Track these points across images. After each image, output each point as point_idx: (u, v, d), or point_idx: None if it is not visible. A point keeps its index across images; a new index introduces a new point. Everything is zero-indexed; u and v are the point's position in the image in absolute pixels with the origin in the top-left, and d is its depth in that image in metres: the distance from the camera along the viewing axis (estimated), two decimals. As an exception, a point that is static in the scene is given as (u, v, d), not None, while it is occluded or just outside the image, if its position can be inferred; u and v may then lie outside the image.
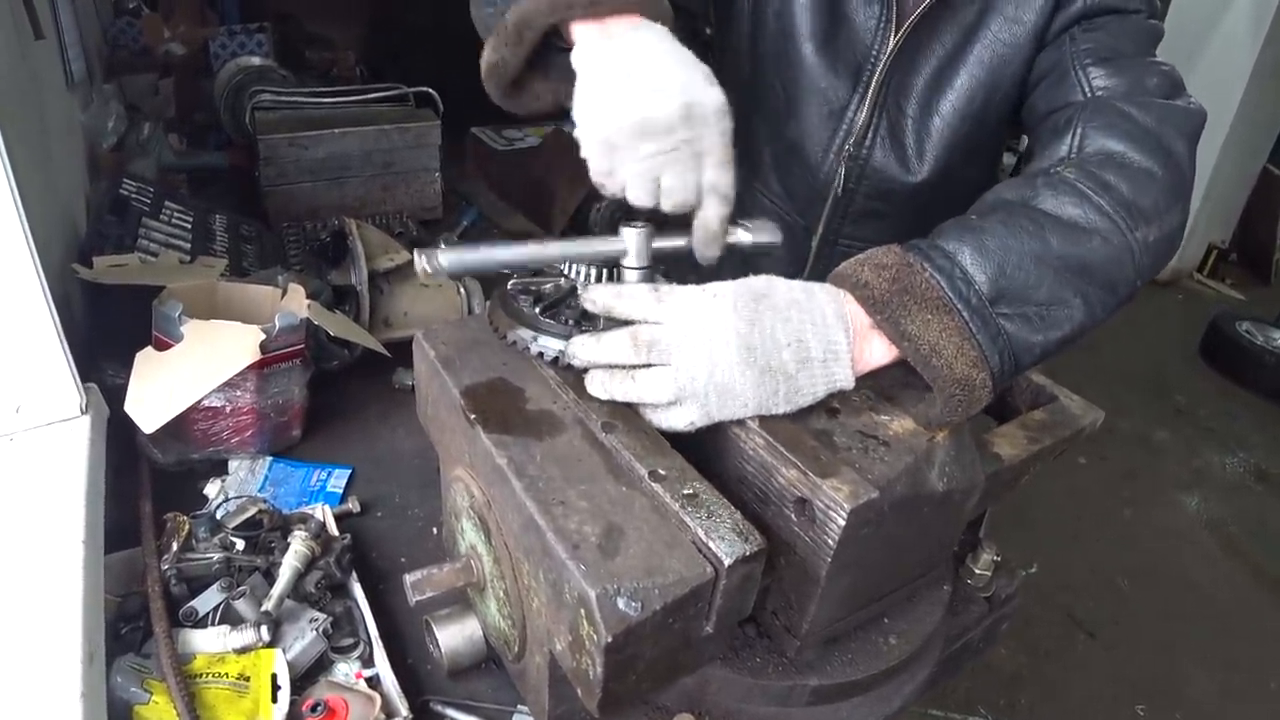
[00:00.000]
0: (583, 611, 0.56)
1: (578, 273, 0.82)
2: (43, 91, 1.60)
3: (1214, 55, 6.25)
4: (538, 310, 0.79)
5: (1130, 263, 0.81)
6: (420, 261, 0.76)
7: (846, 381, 0.75)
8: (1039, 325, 0.77)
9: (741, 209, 0.86)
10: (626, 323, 0.73)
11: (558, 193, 3.52)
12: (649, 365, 0.71)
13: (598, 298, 0.74)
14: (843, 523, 0.65)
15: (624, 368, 0.72)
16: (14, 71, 1.39)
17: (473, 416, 0.71)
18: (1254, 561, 3.61)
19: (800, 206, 1.25)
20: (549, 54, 0.84)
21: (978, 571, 1.09)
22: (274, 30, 3.08)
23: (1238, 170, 6.73)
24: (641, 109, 0.72)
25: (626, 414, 0.73)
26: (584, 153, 0.77)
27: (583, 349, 0.74)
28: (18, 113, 1.35)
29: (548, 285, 0.83)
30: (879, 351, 0.77)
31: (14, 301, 0.96)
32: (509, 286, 0.83)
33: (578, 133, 0.77)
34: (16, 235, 0.93)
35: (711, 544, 0.58)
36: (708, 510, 0.61)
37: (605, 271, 0.81)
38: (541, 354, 0.77)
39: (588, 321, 0.78)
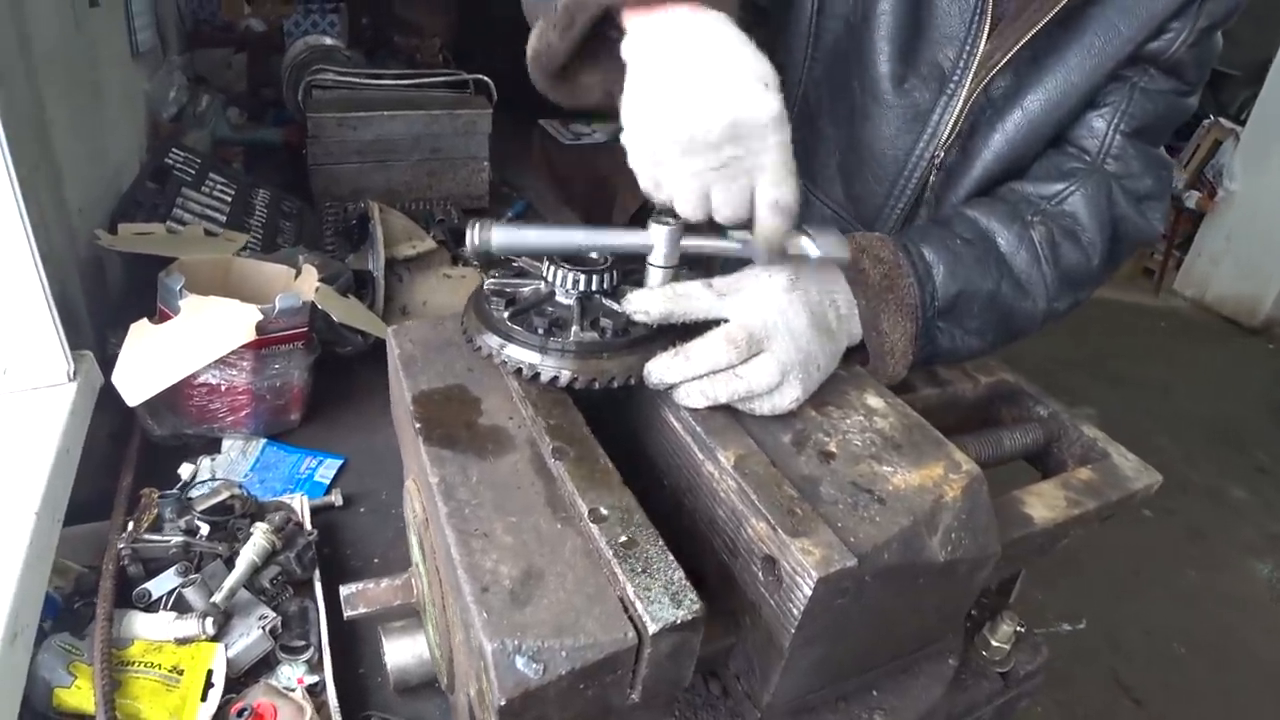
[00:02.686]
0: (482, 664, 0.49)
1: (563, 279, 0.75)
2: (100, 60, 1.62)
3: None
4: (507, 315, 0.72)
5: (1037, 324, 0.99)
6: (471, 233, 0.71)
7: (859, 334, 0.84)
8: (956, 343, 0.93)
9: (798, 219, 0.88)
10: (615, 330, 0.71)
11: (620, 191, 3.47)
12: (749, 358, 0.72)
13: (651, 307, 0.72)
14: (809, 592, 0.56)
15: (725, 370, 0.72)
16: (65, 39, 1.39)
17: (418, 425, 0.65)
18: (1329, 642, 3.34)
19: (868, 215, 1.17)
20: (600, 42, 0.76)
21: (994, 644, 0.98)
22: (363, 12, 3.10)
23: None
24: (686, 125, 0.66)
25: (583, 440, 0.66)
26: (630, 163, 0.72)
27: (674, 370, 0.72)
28: (64, 78, 1.35)
29: (526, 288, 0.76)
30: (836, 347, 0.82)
31: (3, 266, 0.94)
32: (486, 285, 0.77)
33: (624, 140, 0.71)
34: (7, 201, 0.91)
35: (639, 604, 0.51)
36: (644, 563, 0.54)
37: (600, 276, 0.74)
38: (506, 363, 0.71)
39: (559, 330, 0.71)
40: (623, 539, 0.55)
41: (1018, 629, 1.00)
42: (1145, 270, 7.05)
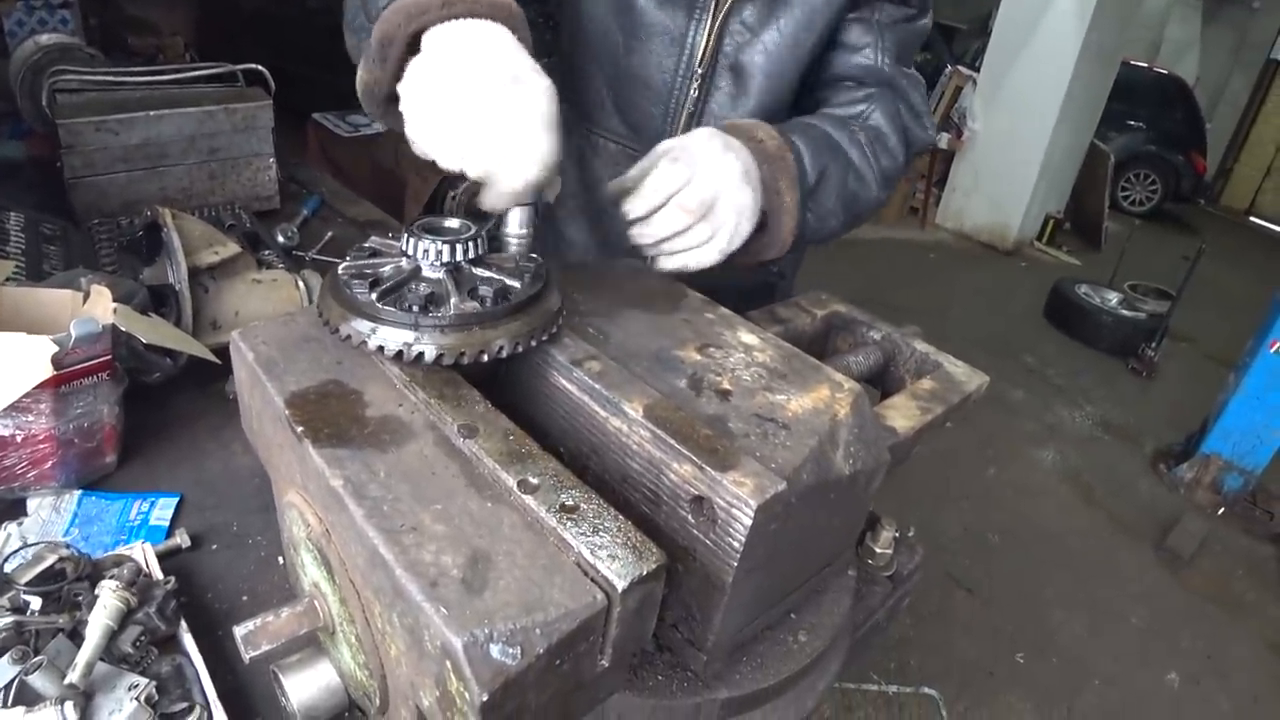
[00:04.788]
0: (449, 664, 0.45)
1: (426, 251, 0.70)
2: None
3: (1043, 39, 6.68)
4: (375, 297, 0.66)
5: (870, 209, 1.18)
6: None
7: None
8: (820, 223, 1.10)
9: (582, 158, 1.24)
10: (495, 296, 0.70)
11: (410, 180, 3.33)
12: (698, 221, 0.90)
13: (646, 205, 0.90)
14: (749, 522, 0.56)
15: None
16: None
17: (300, 429, 0.59)
18: (1106, 507, 3.87)
19: (649, 139, 1.22)
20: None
21: (879, 551, 1.04)
22: (89, 11, 2.75)
23: (1069, 146, 7.24)
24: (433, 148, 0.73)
25: (487, 415, 0.62)
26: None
27: (644, 238, 0.91)
28: None
29: (387, 267, 0.71)
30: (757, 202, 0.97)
31: None
32: (341, 270, 0.70)
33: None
34: None
35: (600, 565, 0.48)
36: (591, 523, 0.51)
37: (466, 245, 0.71)
38: (382, 348, 0.65)
39: (434, 306, 0.66)
40: (564, 502, 0.52)
41: (895, 534, 1.07)
42: (911, 209, 7.80)
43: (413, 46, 0.78)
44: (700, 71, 1.18)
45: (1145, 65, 9.35)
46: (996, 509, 3.68)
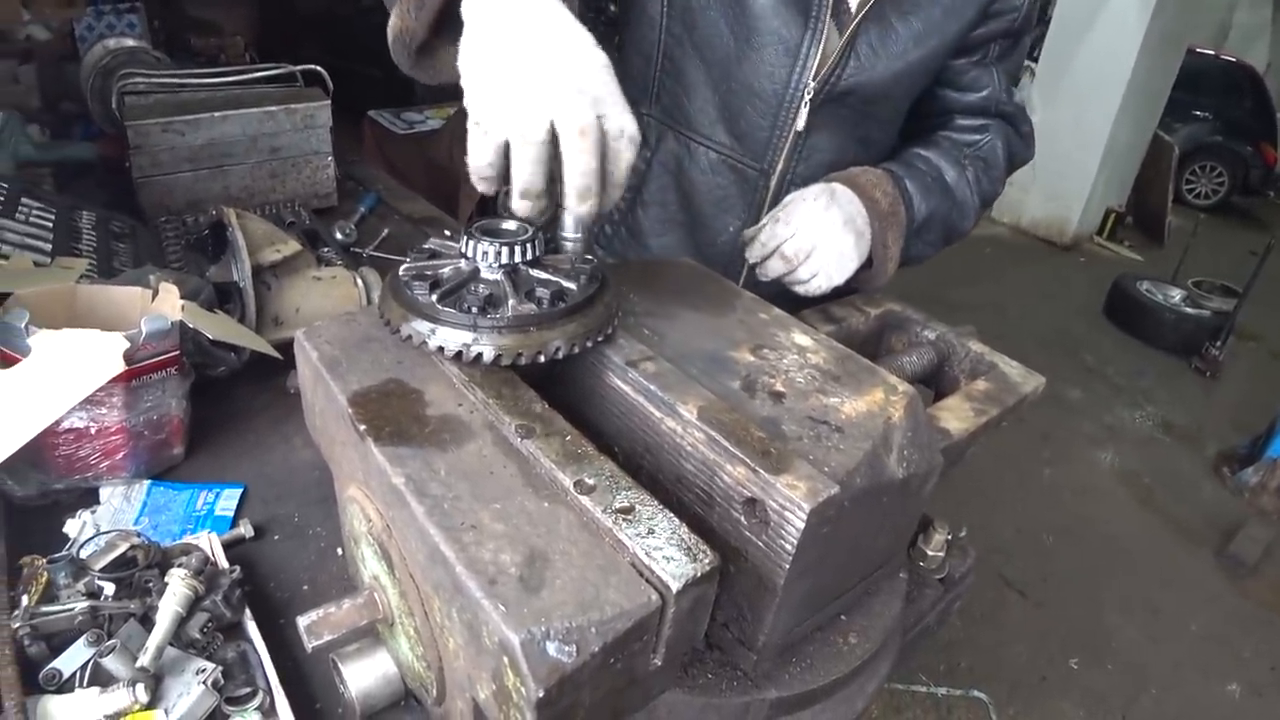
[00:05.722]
0: (506, 660, 0.46)
1: (485, 253, 0.71)
2: None
3: (1104, 27, 6.47)
4: (435, 298, 0.68)
5: (963, 236, 1.33)
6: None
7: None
8: (918, 252, 1.28)
9: (679, 165, 1.31)
10: (551, 298, 0.70)
11: (464, 177, 3.37)
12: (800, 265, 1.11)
13: (762, 252, 1.15)
14: (801, 525, 0.57)
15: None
16: None
17: (362, 428, 0.60)
18: (1166, 510, 3.76)
19: (757, 150, 1.26)
20: (454, 19, 0.78)
21: (930, 553, 1.03)
22: (152, 14, 2.84)
23: (1131, 137, 7.00)
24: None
25: (544, 415, 0.63)
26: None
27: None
28: None
29: (446, 269, 0.72)
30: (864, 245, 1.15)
31: None
32: (401, 272, 0.72)
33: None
34: None
35: (654, 566, 0.49)
36: (646, 524, 0.52)
37: (524, 247, 0.71)
38: (442, 348, 0.67)
39: (492, 307, 0.68)
40: (619, 505, 0.53)
41: (947, 536, 1.05)
42: (966, 202, 7.60)
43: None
44: (813, 86, 1.17)
45: (1212, 53, 9.00)
46: (1052, 510, 3.60)
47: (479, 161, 0.71)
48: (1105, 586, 3.20)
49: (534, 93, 0.68)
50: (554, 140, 0.68)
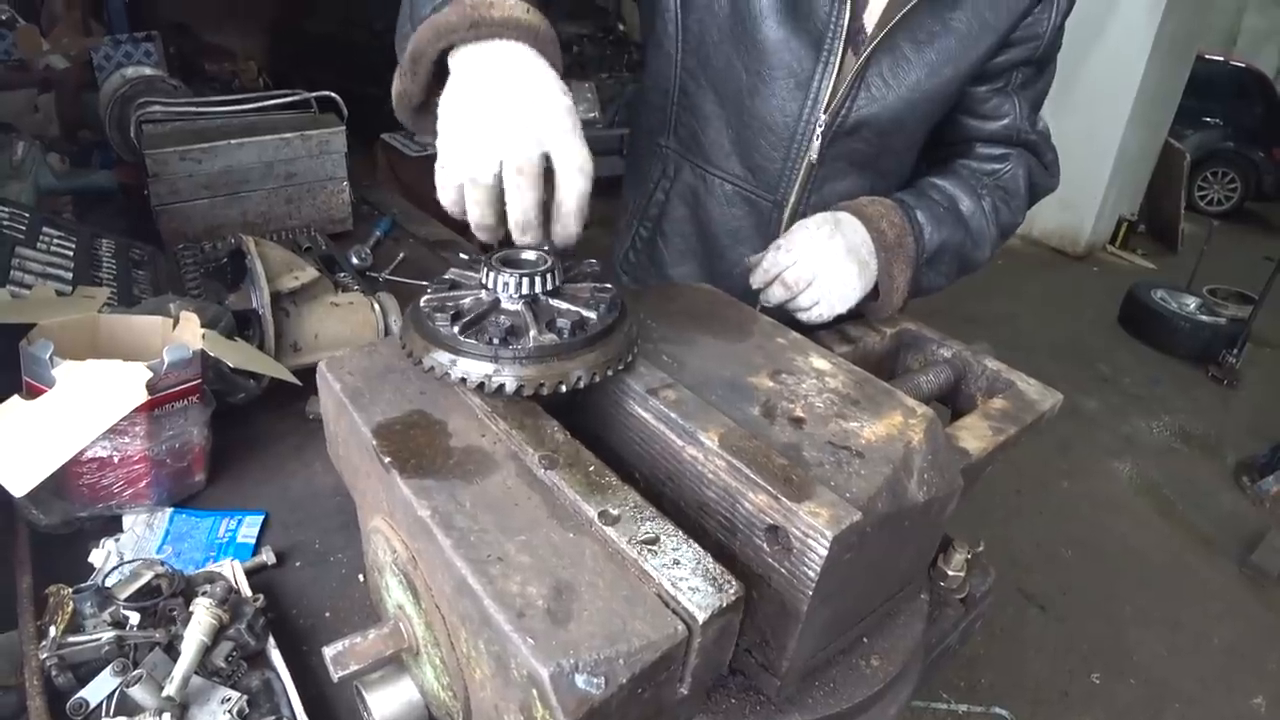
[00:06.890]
0: (535, 692, 0.46)
1: (503, 285, 0.72)
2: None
3: (1114, 33, 6.46)
4: (457, 330, 0.68)
5: (979, 267, 1.30)
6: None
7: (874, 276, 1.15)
8: (930, 283, 1.24)
9: (695, 197, 1.32)
10: (572, 328, 0.71)
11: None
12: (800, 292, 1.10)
13: (764, 278, 1.13)
14: (824, 552, 0.57)
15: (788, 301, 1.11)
16: None
17: (387, 459, 0.61)
18: (1186, 521, 3.72)
19: (770, 182, 1.27)
20: (446, 81, 0.84)
21: (950, 573, 1.03)
22: (168, 41, 2.89)
23: (1142, 145, 6.98)
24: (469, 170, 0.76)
25: (566, 446, 0.64)
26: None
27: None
28: None
29: (466, 299, 0.73)
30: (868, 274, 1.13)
31: None
32: (423, 303, 0.73)
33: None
34: None
35: (680, 597, 0.50)
36: (671, 555, 0.52)
37: (544, 277, 0.73)
38: (464, 379, 0.67)
39: (513, 338, 0.68)
40: (643, 535, 0.53)
41: (967, 556, 1.05)
42: (976, 212, 7.58)
43: (441, 63, 0.83)
44: (824, 119, 1.17)
45: (1221, 58, 8.98)
46: (1070, 523, 3.57)
47: (444, 200, 0.78)
48: (1126, 599, 3.17)
49: (486, 138, 0.74)
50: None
